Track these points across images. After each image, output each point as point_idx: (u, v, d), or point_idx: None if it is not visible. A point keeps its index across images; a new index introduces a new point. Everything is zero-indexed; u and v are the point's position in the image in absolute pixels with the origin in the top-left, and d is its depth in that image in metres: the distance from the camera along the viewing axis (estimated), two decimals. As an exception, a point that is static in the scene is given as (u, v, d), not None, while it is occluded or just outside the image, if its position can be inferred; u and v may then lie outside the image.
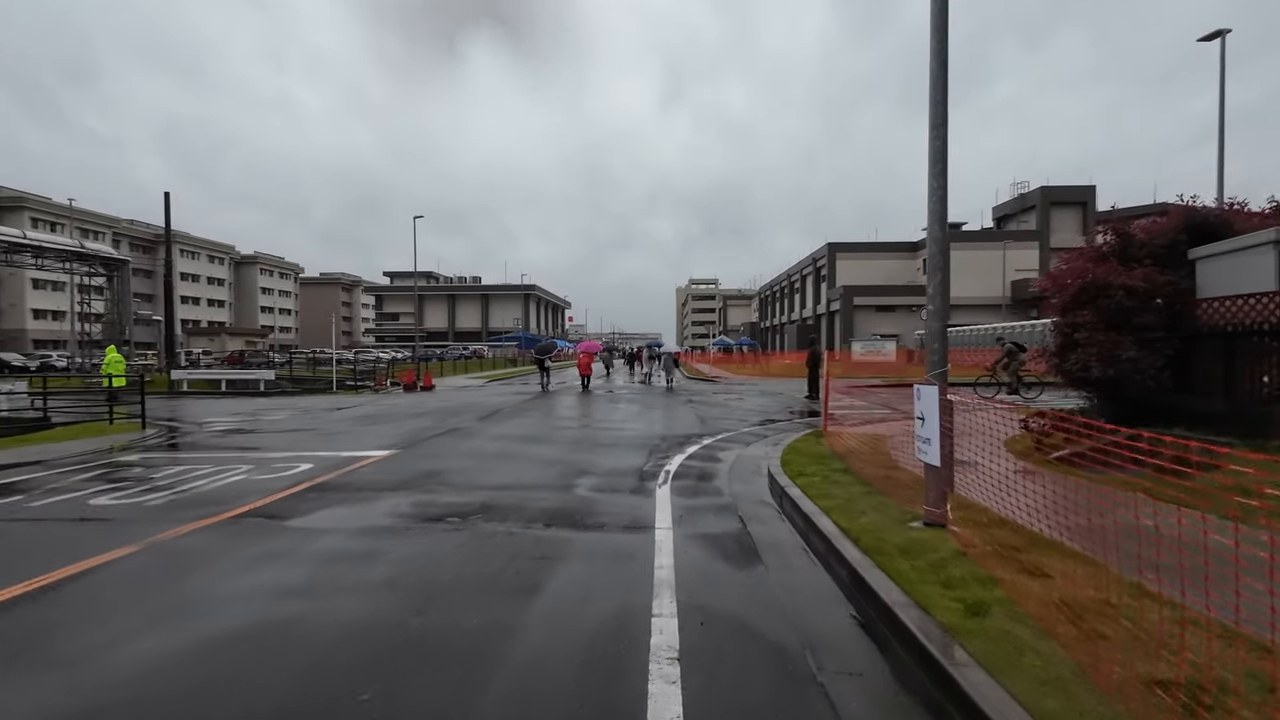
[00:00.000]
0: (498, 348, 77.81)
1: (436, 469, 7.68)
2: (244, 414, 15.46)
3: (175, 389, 24.26)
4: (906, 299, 57.83)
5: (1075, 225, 58.82)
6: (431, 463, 8.11)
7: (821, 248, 65.85)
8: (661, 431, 11.31)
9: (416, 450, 9.14)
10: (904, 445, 8.69)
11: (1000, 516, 4.68)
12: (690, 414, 14.38)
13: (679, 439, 10.34)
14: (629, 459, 8.49)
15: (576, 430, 11.53)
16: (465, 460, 8.33)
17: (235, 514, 5.73)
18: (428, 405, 17.31)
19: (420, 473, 7.46)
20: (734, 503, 6.24)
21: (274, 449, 9.42)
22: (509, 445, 9.61)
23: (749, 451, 9.24)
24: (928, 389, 4.62)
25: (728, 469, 7.93)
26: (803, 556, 4.70)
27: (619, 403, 17.79)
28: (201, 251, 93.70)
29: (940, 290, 4.94)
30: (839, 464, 7.39)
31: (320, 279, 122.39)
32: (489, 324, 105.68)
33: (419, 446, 9.50)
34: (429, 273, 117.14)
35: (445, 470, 7.60)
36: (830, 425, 10.86)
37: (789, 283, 79.63)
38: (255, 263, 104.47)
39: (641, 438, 10.53)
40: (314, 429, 12.03)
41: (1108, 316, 7.72)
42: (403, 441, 9.99)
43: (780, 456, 8.12)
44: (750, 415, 14.16)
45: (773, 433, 11.35)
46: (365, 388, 25.44)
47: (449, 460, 8.32)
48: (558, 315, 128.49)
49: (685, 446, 9.55)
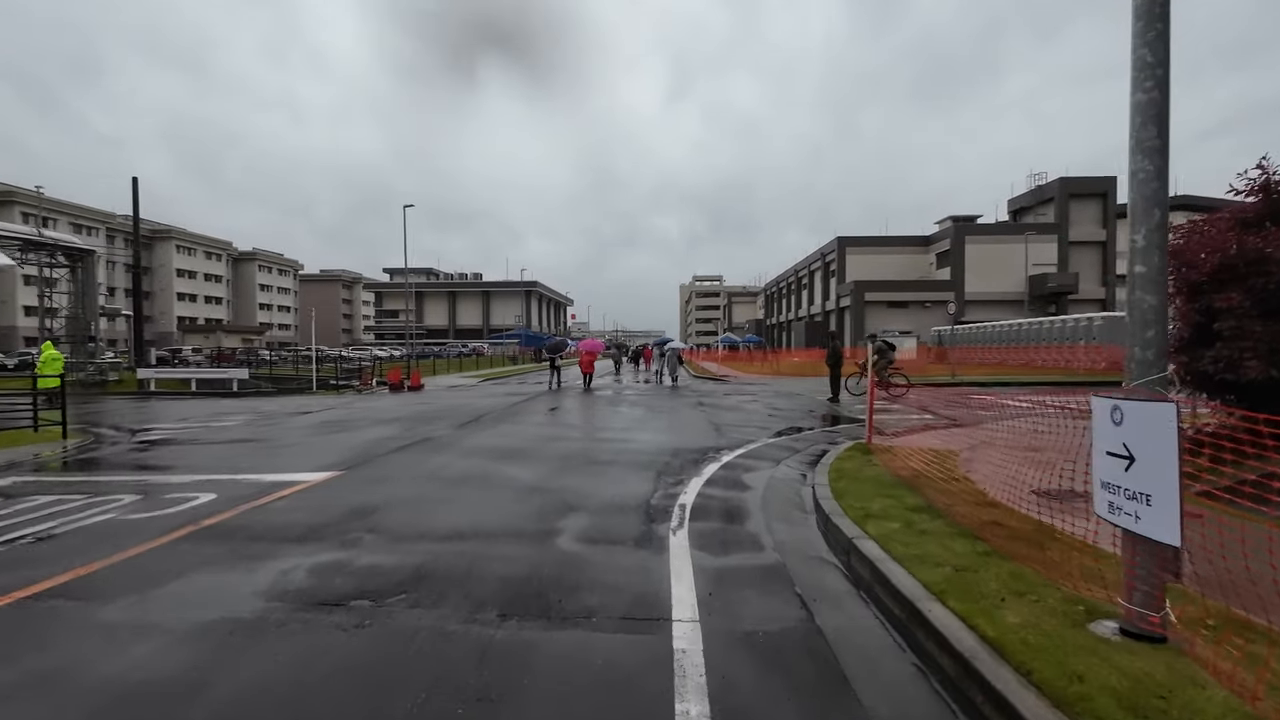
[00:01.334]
0: (498, 345, 76.14)
1: (374, 503, 5.78)
2: (195, 419, 13.64)
3: (143, 389, 22.50)
4: (919, 294, 55.75)
5: (1095, 218, 56.72)
6: (373, 493, 6.22)
7: (831, 242, 63.82)
8: (671, 443, 9.42)
9: (363, 472, 7.26)
10: (981, 466, 6.82)
11: (1240, 616, 2.80)
12: (702, 420, 12.49)
13: (693, 454, 8.46)
14: (632, 485, 6.59)
15: (570, 441, 9.64)
16: (419, 488, 6.43)
17: (30, 593, 3.82)
18: (407, 409, 15.45)
19: (350, 510, 5.57)
20: (782, 561, 4.34)
21: (188, 469, 7.55)
22: (482, 464, 7.72)
23: (782, 472, 7.34)
24: (1142, 408, 2.68)
25: (760, 499, 6.03)
26: (922, 684, 2.81)
27: (621, 405, 15.91)
28: (198, 247, 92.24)
29: (1155, 247, 2.95)
30: (913, 498, 5.48)
31: (320, 276, 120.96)
32: (490, 321, 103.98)
33: (369, 466, 7.62)
34: (429, 269, 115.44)
35: (385, 506, 5.71)
36: (876, 437, 8.95)
37: (796, 279, 77.60)
38: (254, 259, 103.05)
39: (648, 452, 8.64)
40: (260, 439, 10.17)
41: (1266, 299, 5.81)
42: (353, 458, 8.11)
43: (828, 482, 6.23)
44: (771, 421, 12.26)
45: (802, 444, 9.46)
46: (349, 388, 23.62)
47: (397, 488, 6.43)
48: (560, 312, 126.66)
49: (701, 465, 7.66)
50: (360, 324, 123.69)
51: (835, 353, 16.99)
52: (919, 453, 7.73)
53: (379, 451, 8.63)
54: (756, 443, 9.47)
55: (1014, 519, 4.66)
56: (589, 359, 23.96)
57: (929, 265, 61.18)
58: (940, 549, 4.11)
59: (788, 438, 10.12)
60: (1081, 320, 27.94)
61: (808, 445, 9.40)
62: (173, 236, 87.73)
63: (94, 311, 22.64)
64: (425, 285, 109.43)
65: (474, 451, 8.61)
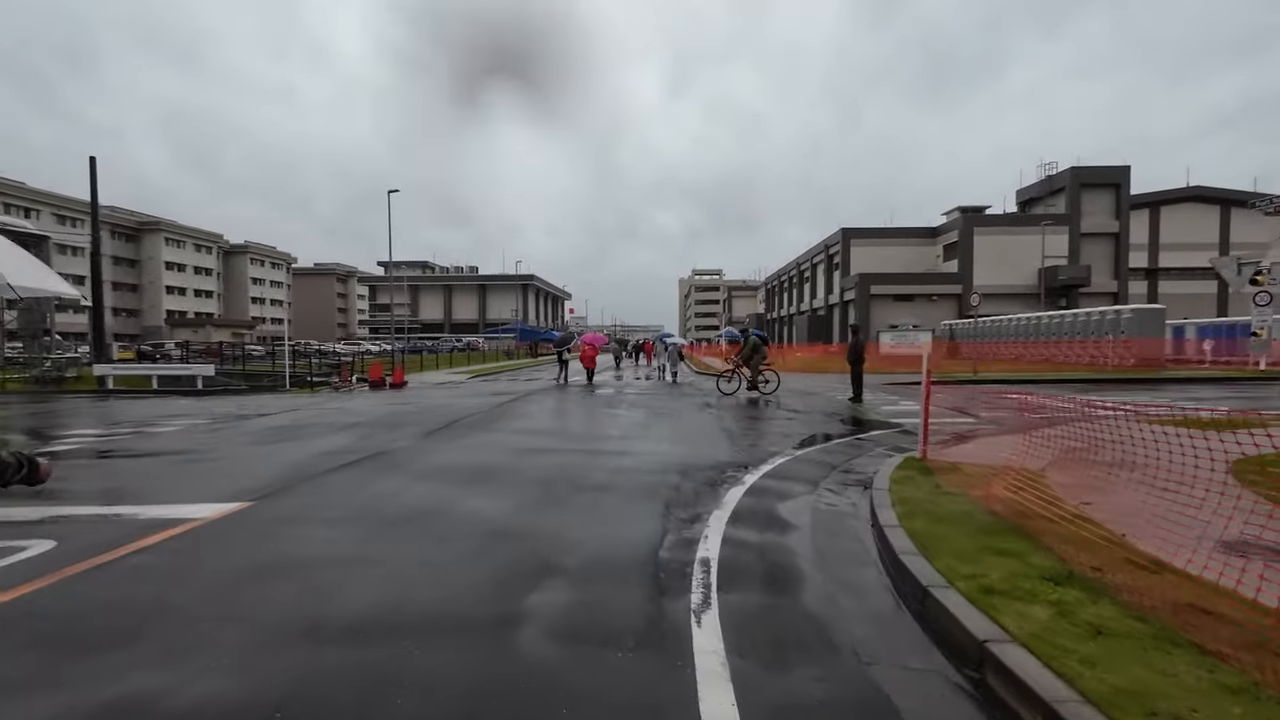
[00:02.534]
0: (495, 340, 74.52)
1: (263, 561, 4.06)
2: (132, 423, 11.94)
3: (102, 386, 20.76)
4: (926, 287, 54.09)
5: (1108, 209, 55.05)
6: (272, 542, 4.49)
7: (834, 233, 62.08)
8: (679, 456, 7.75)
9: (278, 504, 5.55)
10: (1089, 494, 5.16)
11: None
12: (712, 424, 10.83)
13: (706, 472, 6.78)
14: (632, 523, 4.91)
15: (557, 455, 7.95)
16: (339, 533, 4.72)
17: None
18: (378, 410, 13.76)
19: (224, 573, 3.85)
20: (876, 684, 2.66)
21: (57, 498, 5.79)
22: (439, 492, 6.01)
23: (827, 501, 5.67)
24: None
25: (810, 550, 4.36)
26: None
27: (620, 405, 14.22)
28: (188, 240, 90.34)
29: None
30: (1039, 554, 3.80)
31: (314, 269, 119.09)
32: (486, 315, 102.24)
33: (291, 494, 5.90)
34: (424, 263, 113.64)
35: (277, 566, 3.98)
36: (930, 447, 7.29)
37: (798, 272, 75.89)
38: (245, 252, 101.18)
39: (652, 469, 6.96)
40: (185, 452, 8.45)
41: None
42: (276, 482, 6.38)
43: (898, 520, 4.57)
44: (790, 426, 10.60)
45: (837, 456, 7.79)
46: (325, 385, 21.91)
47: (310, 533, 4.71)
48: (557, 306, 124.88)
49: (720, 489, 5.99)
50: (355, 318, 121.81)
51: (858, 348, 15.30)
52: (994, 472, 6.08)
53: (315, 471, 6.92)
54: (781, 456, 7.80)
55: (1224, 600, 2.99)
56: (591, 352, 22.75)
57: (936, 257, 59.47)
58: (1153, 674, 2.44)
59: (817, 449, 8.45)
60: (1109, 313, 26.27)
61: (844, 458, 7.74)
62: (161, 228, 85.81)
63: (49, 303, 20.87)
64: (420, 279, 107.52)
65: (434, 472, 6.90)
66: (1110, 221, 54.63)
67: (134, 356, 45.85)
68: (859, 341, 15.45)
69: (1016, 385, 19.02)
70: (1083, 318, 27.90)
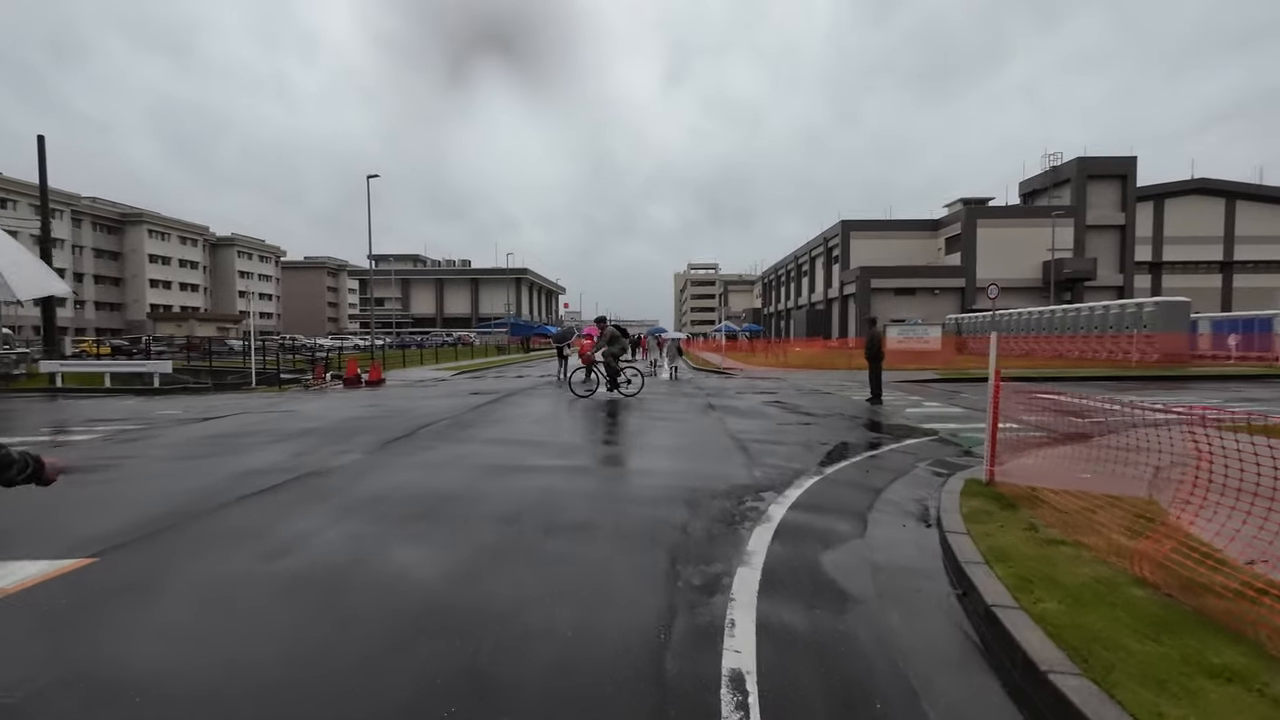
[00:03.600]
0: (487, 334, 72.92)
1: (45, 679, 2.61)
2: (53, 428, 10.38)
3: (52, 384, 19.13)
4: (928, 281, 52.78)
5: (1114, 201, 53.78)
6: (89, 633, 3.01)
7: (834, 226, 60.67)
8: (684, 476, 6.27)
9: (132, 559, 3.99)
10: (1248, 543, 3.71)
11: None
12: (719, 432, 9.34)
13: (720, 501, 5.31)
14: (622, 600, 3.39)
15: (530, 477, 6.45)
16: (192, 618, 3.20)
17: None
18: (339, 413, 12.23)
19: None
20: None
21: None
22: (363, 536, 4.48)
23: (887, 554, 4.17)
24: None
25: (888, 653, 2.87)
26: None
27: (615, 408, 12.73)
28: (172, 232, 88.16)
29: None
30: (1272, 673, 2.38)
31: (304, 263, 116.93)
32: (479, 309, 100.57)
33: (159, 541, 4.35)
34: (415, 256, 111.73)
35: (49, 688, 2.54)
36: (996, 465, 5.83)
37: (796, 265, 74.48)
38: (232, 245, 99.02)
39: (649, 499, 5.46)
40: (80, 470, 6.92)
41: None
42: (153, 520, 4.83)
43: (1016, 600, 3.10)
44: (809, 433, 9.12)
45: (878, 477, 6.32)
46: (296, 382, 20.34)
47: (143, 614, 3.21)
48: (551, 301, 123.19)
49: (740, 531, 4.51)
50: (345, 312, 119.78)
51: (875, 341, 13.78)
52: (1094, 504, 4.62)
53: (216, 502, 5.39)
54: (809, 475, 6.32)
55: None
56: (590, 345, 21.51)
57: (937, 250, 58.15)
58: None
59: (849, 464, 6.98)
60: (1129, 306, 24.90)
61: (885, 477, 6.27)
62: (144, 220, 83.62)
63: (-5, 295, 19.13)
64: (411, 272, 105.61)
65: (370, 503, 5.37)
66: (1116, 214, 53.38)
67: (109, 352, 44.11)
68: (876, 335, 13.87)
69: (1039, 383, 17.63)
70: (1100, 311, 26.54)
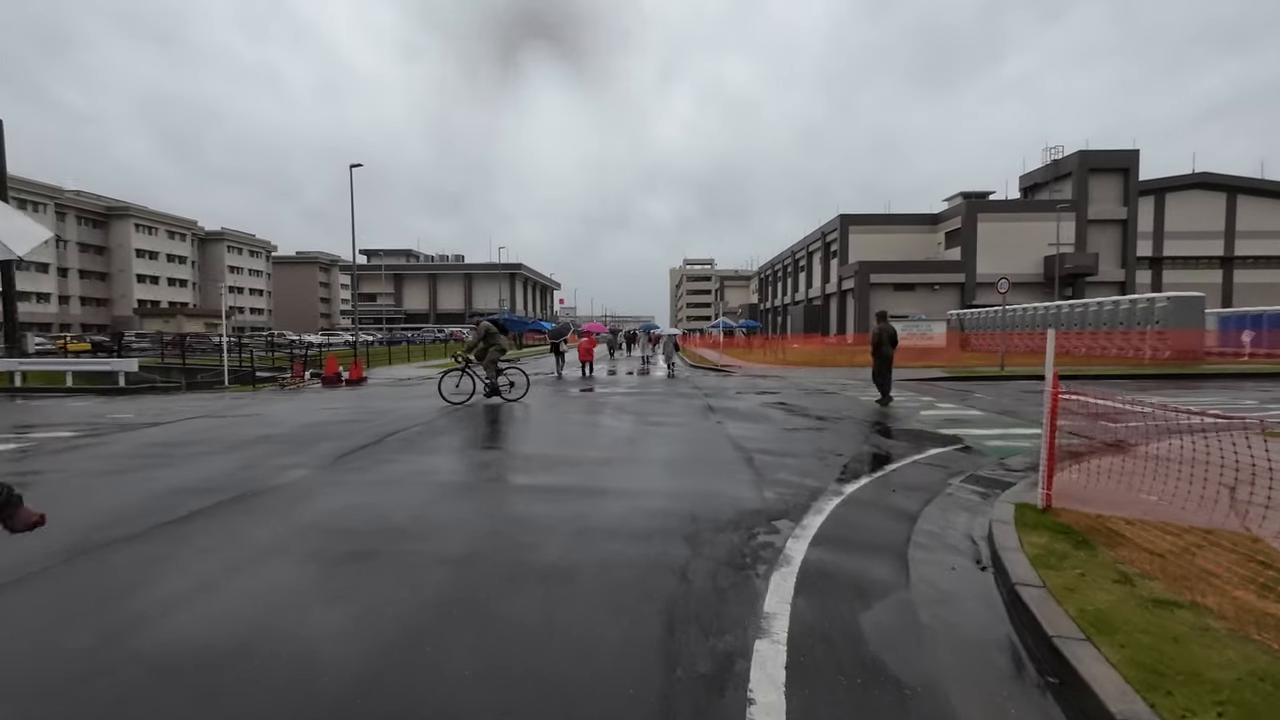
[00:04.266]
0: (480, 330, 71.61)
1: None
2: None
3: (10, 384, 18.10)
4: (927, 276, 51.95)
5: (1115, 195, 53.04)
6: None
7: (832, 220, 59.78)
8: (683, 498, 5.37)
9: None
10: None
11: None
12: (720, 440, 8.43)
13: (728, 535, 4.40)
14: (603, 687, 2.53)
15: (499, 498, 5.53)
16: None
17: None
18: (304, 416, 11.28)
19: None
20: None
21: None
22: (281, 587, 3.55)
23: (940, 612, 3.27)
24: None
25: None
26: None
27: (604, 411, 11.81)
28: (160, 226, 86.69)
29: None
30: None
31: (296, 258, 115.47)
32: (472, 305, 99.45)
33: (21, 593, 3.48)
34: (408, 251, 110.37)
35: None
36: (1056, 484, 4.94)
37: (793, 260, 73.57)
38: (222, 239, 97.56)
39: (638, 532, 4.53)
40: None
41: None
42: (35, 560, 3.96)
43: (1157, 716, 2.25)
44: (824, 441, 8.21)
45: (909, 500, 5.40)
46: (272, 381, 19.37)
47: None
48: (546, 296, 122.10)
49: (754, 580, 3.60)
50: (338, 308, 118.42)
51: (882, 336, 12.81)
52: (1186, 541, 3.74)
53: (126, 530, 4.44)
54: (827, 496, 5.43)
55: None
56: (590, 344, 20.81)
57: (937, 245, 57.30)
58: None
59: (871, 481, 6.08)
60: (1140, 301, 24.08)
61: (918, 500, 5.37)
62: (131, 214, 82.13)
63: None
64: (404, 267, 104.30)
65: (302, 536, 4.43)
66: (1118, 208, 52.64)
67: (89, 347, 42.95)
68: (885, 331, 12.91)
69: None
70: (1109, 307, 25.72)
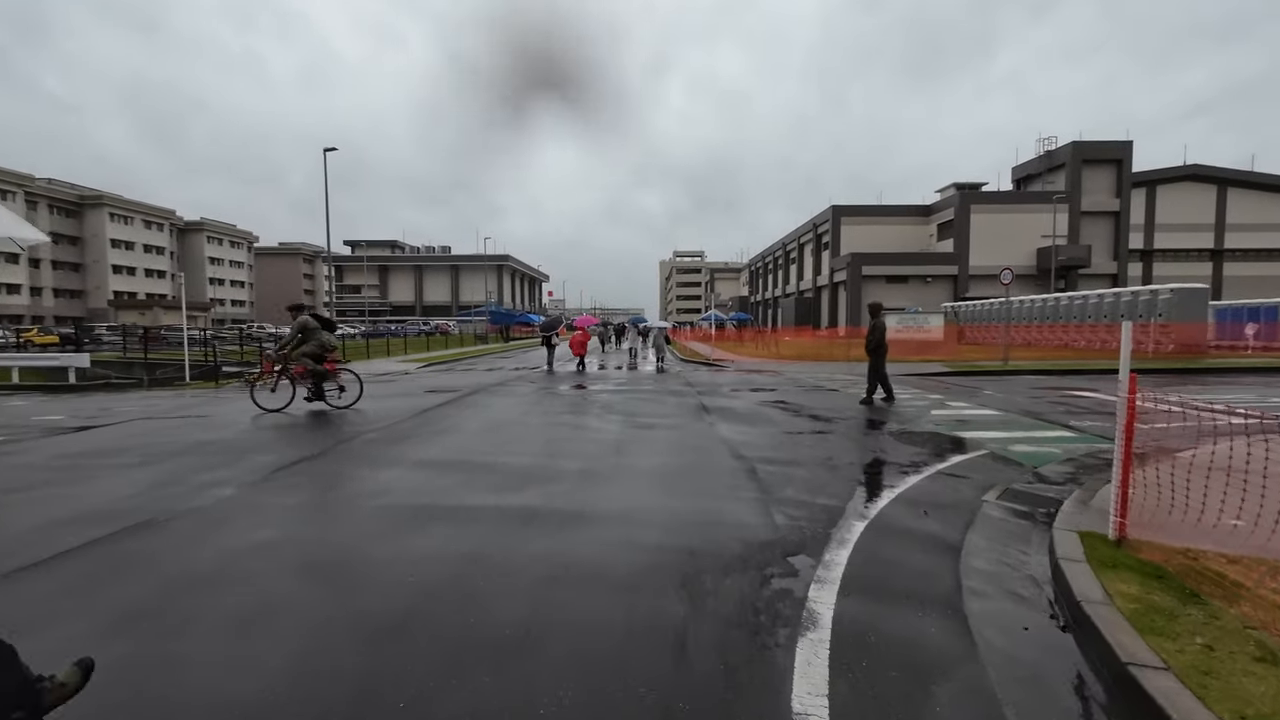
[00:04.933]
0: (467, 323, 70.52)
1: None
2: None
3: (-46, 381, 16.89)
4: (920, 268, 51.35)
5: (1109, 186, 52.64)
6: None
7: (824, 211, 58.99)
8: (677, 526, 4.46)
9: None
10: None
11: None
12: (717, 444, 7.53)
13: (733, 578, 3.50)
14: None
15: (452, 530, 4.58)
16: None
17: None
18: (258, 419, 10.27)
19: None
20: None
21: None
22: (134, 656, 2.65)
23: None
24: None
25: None
26: None
27: (589, 411, 10.86)
28: (136, 215, 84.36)
29: None
30: None
31: (279, 249, 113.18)
32: (459, 297, 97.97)
33: None
34: (393, 242, 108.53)
35: None
36: (1096, 500, 4.07)
37: (784, 252, 72.80)
38: (201, 230, 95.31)
39: (624, 576, 3.61)
40: None
41: None
42: None
43: None
44: (833, 450, 7.33)
45: (945, 526, 4.50)
46: (238, 376, 18.25)
47: None
48: (535, 288, 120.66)
49: (770, 647, 2.71)
50: (322, 300, 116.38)
51: (878, 331, 11.81)
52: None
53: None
54: (849, 520, 4.54)
55: None
56: (584, 338, 20.14)
57: (929, 237, 56.70)
58: None
59: (897, 500, 5.19)
60: (1143, 293, 23.45)
61: (955, 525, 4.50)
62: (105, 203, 79.80)
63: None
64: (389, 258, 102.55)
65: (189, 586, 3.45)
66: (1111, 200, 52.26)
67: (57, 340, 41.44)
68: (880, 325, 11.81)
69: (1060, 376, 16.09)
70: (1110, 299, 25.10)
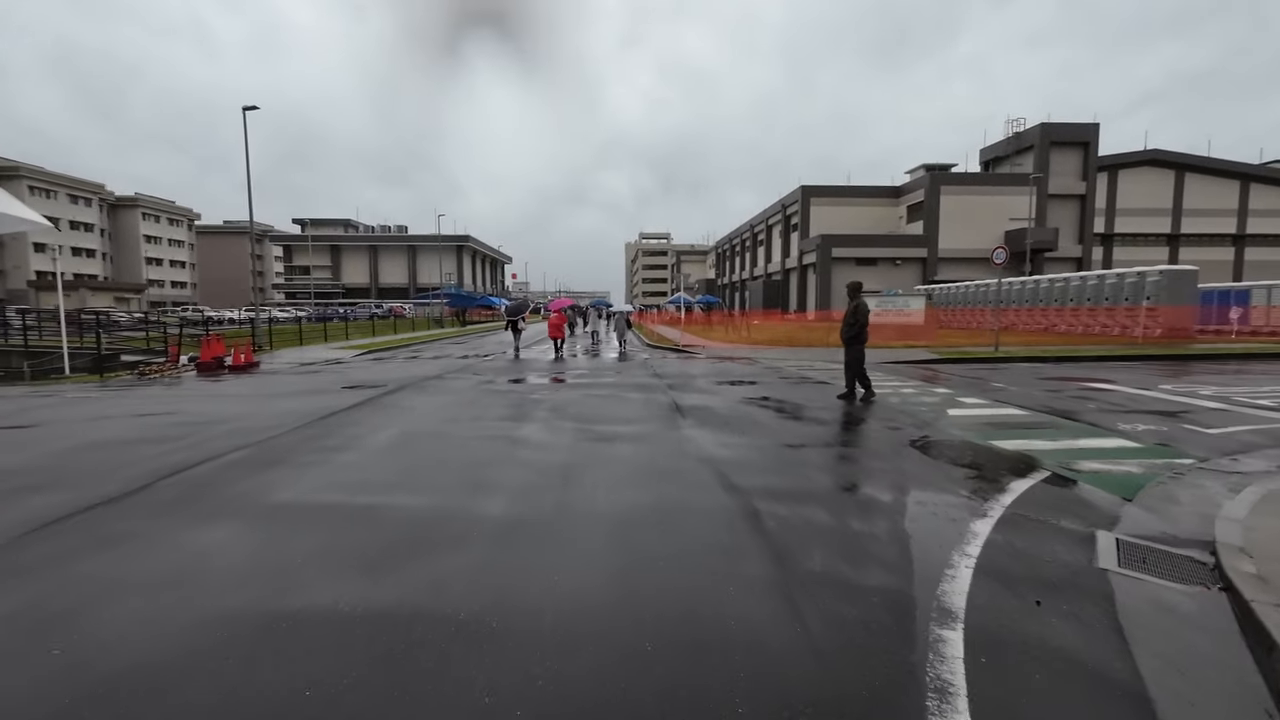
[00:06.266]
0: (424, 306, 67.41)
1: None
2: None
3: None
4: (890, 250, 50.53)
5: (1075, 169, 52.54)
6: None
7: (793, 192, 57.62)
8: (644, 669, 2.65)
9: None
10: None
11: None
12: (696, 464, 5.71)
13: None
14: None
15: (277, 659, 2.69)
16: None
17: None
18: (110, 426, 8.03)
19: None
20: None
21: None
22: None
23: None
24: None
25: None
26: None
27: (536, 413, 8.92)
28: (59, 189, 78.11)
29: None
30: None
31: (223, 228, 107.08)
32: (417, 279, 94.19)
33: None
34: (346, 220, 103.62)
35: None
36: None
37: (752, 235, 71.40)
38: (136, 206, 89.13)
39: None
40: None
41: None
42: None
43: None
44: (853, 474, 5.59)
45: (1077, 625, 2.74)
46: (135, 366, 15.72)
47: None
48: (497, 270, 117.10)
49: None
50: (271, 281, 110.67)
51: (858, 314, 9.88)
52: None
53: None
54: (929, 629, 2.78)
55: None
56: (560, 320, 19.12)
57: (899, 219, 55.90)
58: None
59: (978, 565, 3.47)
60: (1130, 275, 22.50)
61: (1103, 636, 2.77)
62: (22, 175, 73.50)
63: None
64: (342, 238, 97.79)
65: None
66: (1076, 183, 52.20)
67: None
68: (862, 308, 9.90)
69: (1059, 364, 14.83)
70: (1094, 281, 24.15)
